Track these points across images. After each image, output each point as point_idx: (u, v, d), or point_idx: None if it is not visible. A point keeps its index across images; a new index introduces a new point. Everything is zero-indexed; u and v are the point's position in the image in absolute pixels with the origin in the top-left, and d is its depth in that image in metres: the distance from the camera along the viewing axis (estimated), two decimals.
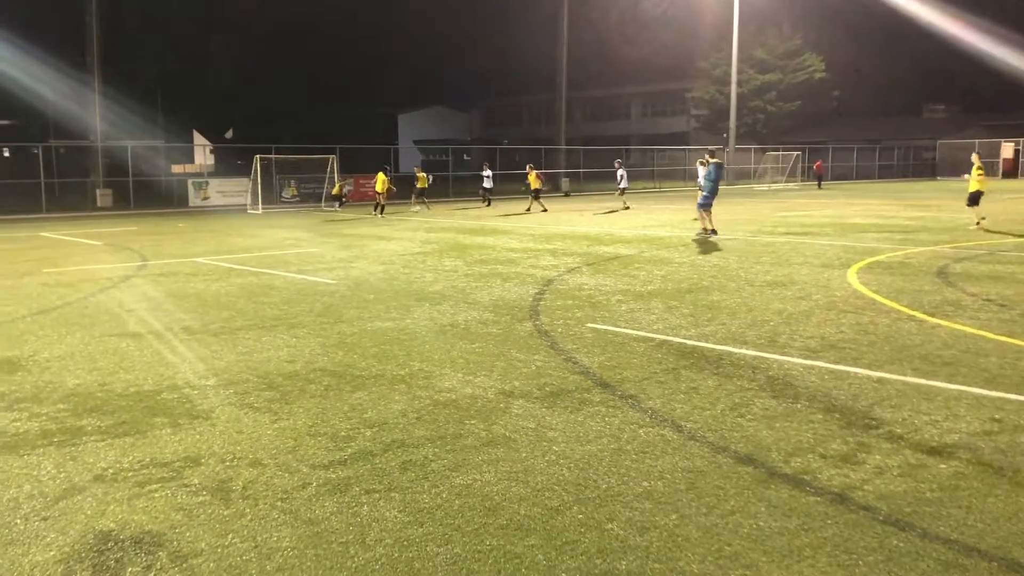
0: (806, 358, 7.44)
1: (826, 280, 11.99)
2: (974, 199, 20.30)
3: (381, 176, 29.66)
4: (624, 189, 31.59)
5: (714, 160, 19.19)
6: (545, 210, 29.65)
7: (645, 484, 4.66)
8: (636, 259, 14.93)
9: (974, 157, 20.89)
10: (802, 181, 54.67)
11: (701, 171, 20.08)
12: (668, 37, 72.33)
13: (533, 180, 31.03)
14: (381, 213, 29.24)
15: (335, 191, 33.67)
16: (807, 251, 15.66)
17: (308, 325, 9.19)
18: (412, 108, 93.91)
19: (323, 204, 34.92)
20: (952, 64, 63.10)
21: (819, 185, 49.89)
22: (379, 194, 29.56)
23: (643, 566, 3.76)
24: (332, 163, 34.68)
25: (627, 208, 29.96)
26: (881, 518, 4.21)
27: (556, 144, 49.72)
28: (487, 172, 33.93)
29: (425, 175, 32.87)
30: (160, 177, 38.71)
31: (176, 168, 57.88)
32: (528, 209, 30.32)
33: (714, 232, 18.60)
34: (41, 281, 12.96)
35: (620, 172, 31.62)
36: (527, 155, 52.34)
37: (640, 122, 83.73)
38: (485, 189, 33.96)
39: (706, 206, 18.91)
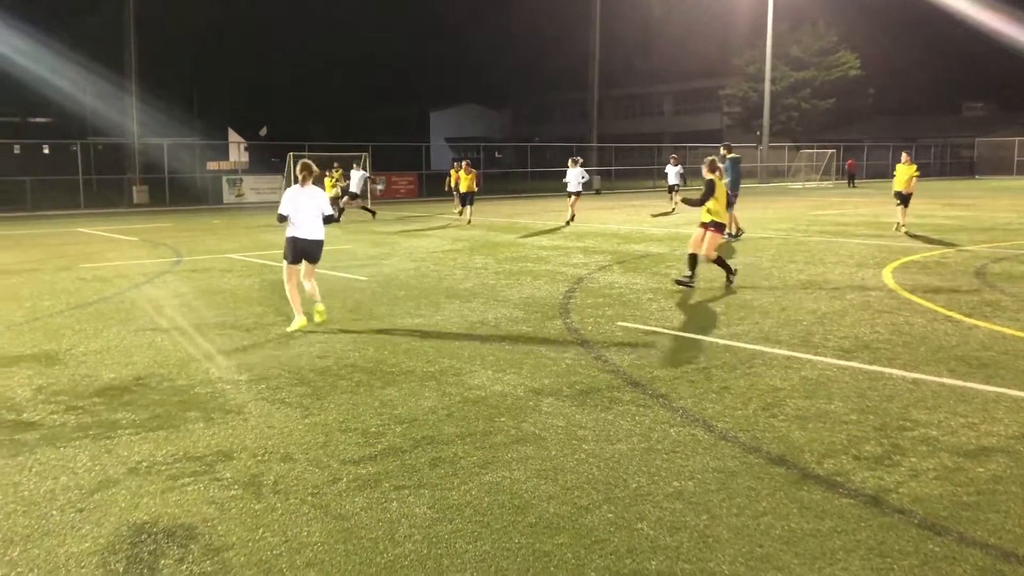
0: (840, 358, 7.34)
1: (860, 279, 11.84)
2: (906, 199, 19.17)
3: (328, 181, 24.69)
4: (576, 196, 22.93)
5: (731, 156, 17.99)
6: (342, 211, 24.30)
7: (675, 484, 4.63)
8: (667, 257, 14.84)
9: (905, 156, 19.78)
10: (836, 179, 54.04)
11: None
12: (701, 35, 71.84)
13: (328, 185, 24.70)
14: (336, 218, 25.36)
15: (330, 188, 25.39)
16: (841, 250, 15.48)
17: (339, 321, 9.24)
18: (445, 106, 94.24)
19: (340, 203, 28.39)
20: (991, 61, 62.01)
21: (851, 183, 49.23)
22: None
23: (673, 566, 3.73)
24: (364, 160, 34.83)
25: (571, 220, 22.81)
26: (916, 521, 4.14)
27: (588, 142, 49.58)
28: (360, 173, 25.46)
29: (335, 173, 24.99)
30: (195, 174, 39.20)
31: (211, 165, 58.62)
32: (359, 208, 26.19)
33: (740, 232, 18.02)
34: (78, 276, 13.16)
35: (573, 171, 23.20)
36: (559, 153, 52.35)
37: (673, 120, 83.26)
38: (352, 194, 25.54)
39: (729, 205, 18.16)
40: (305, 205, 8.74)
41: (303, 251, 8.79)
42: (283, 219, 8.70)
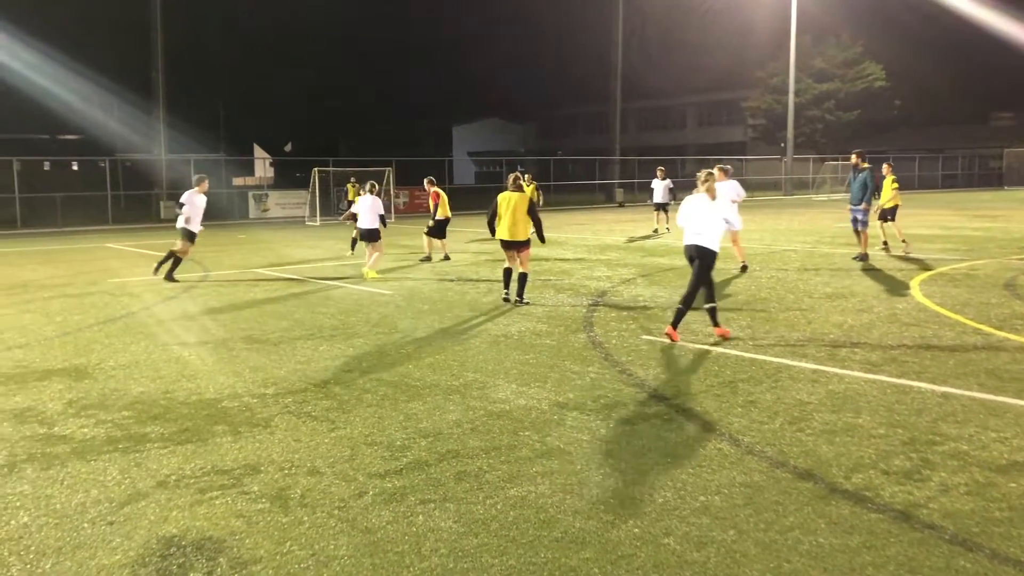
0: (867, 372, 7.28)
1: (888, 292, 11.73)
2: (891, 214, 17.95)
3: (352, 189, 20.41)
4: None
5: (864, 166, 16.45)
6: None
7: (702, 498, 4.60)
8: None
9: (885, 168, 18.32)
10: None
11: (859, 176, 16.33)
12: (723, 47, 71.72)
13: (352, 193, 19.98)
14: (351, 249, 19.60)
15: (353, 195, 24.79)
16: (868, 262, 15.33)
17: (364, 335, 9.29)
18: (468, 120, 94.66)
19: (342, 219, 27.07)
20: (1020, 70, 61.33)
21: (876, 195, 48.75)
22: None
23: None
24: (388, 175, 35.02)
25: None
26: (947, 537, 4.09)
27: (611, 154, 49.53)
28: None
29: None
30: (221, 190, 39.53)
31: (237, 181, 59.13)
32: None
33: (863, 256, 16.20)
34: (107, 291, 13.32)
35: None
36: (582, 166, 52.39)
37: (696, 132, 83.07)
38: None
39: (864, 224, 16.30)
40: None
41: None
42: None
